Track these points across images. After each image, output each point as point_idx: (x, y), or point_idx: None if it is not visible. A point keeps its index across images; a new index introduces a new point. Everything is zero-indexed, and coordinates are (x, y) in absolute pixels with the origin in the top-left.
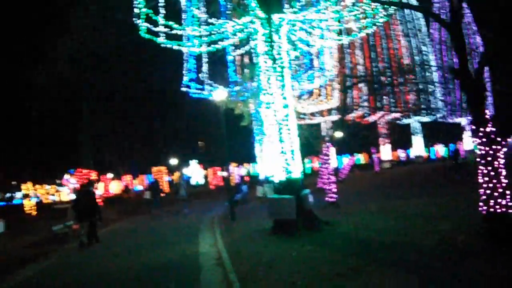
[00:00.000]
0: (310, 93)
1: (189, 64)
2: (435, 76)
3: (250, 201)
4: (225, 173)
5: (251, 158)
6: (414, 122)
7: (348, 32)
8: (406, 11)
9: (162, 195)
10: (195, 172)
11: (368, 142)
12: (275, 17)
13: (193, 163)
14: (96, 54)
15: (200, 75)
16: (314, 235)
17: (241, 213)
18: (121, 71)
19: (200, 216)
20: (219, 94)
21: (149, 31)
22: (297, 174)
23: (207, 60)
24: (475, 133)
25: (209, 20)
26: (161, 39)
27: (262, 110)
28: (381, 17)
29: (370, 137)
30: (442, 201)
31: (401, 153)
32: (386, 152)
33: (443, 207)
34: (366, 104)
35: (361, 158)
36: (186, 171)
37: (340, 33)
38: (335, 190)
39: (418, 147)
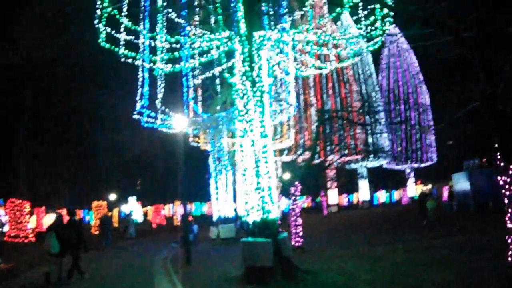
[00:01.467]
0: None
1: (143, 88)
2: (383, 122)
3: (197, 243)
4: (178, 210)
5: (194, 196)
6: (361, 167)
7: (337, 57)
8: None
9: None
10: (134, 209)
11: (316, 185)
12: (257, 35)
13: (132, 199)
14: (39, 65)
15: (156, 101)
16: (293, 286)
17: (194, 255)
18: (67, 89)
19: (151, 257)
20: (179, 123)
21: (109, 39)
22: (274, 214)
23: (163, 84)
24: (504, 171)
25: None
26: (122, 50)
27: (237, 140)
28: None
29: (319, 180)
30: (417, 245)
31: (344, 198)
32: (333, 196)
33: (425, 252)
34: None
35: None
36: (125, 208)
37: (320, 59)
38: (301, 233)
39: (364, 192)
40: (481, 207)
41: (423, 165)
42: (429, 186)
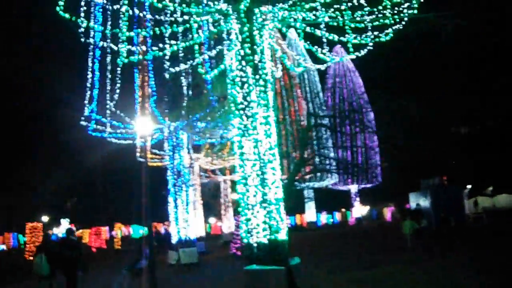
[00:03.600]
0: (222, 145)
1: (94, 89)
2: (329, 142)
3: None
4: (118, 233)
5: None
6: (307, 187)
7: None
8: (305, 74)
9: None
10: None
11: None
12: (258, 11)
13: (64, 221)
14: None
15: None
16: None
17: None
18: None
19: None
20: (142, 128)
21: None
22: (283, 234)
23: (118, 83)
24: None
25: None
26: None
27: (235, 140)
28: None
29: None
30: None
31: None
32: None
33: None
34: None
35: None
36: (56, 230)
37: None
38: None
39: (310, 213)
40: (444, 223)
41: (368, 185)
42: (367, 207)
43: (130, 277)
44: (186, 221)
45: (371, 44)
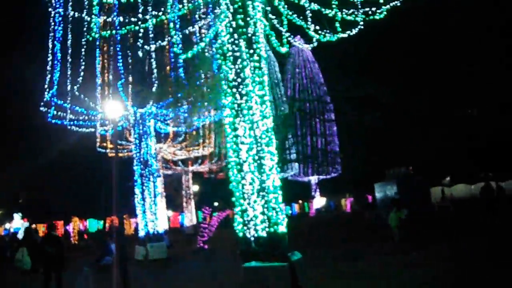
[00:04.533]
0: (185, 134)
1: (55, 72)
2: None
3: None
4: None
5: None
6: None
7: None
8: None
9: None
10: (21, 228)
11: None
12: None
13: (17, 216)
14: None
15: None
16: None
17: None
18: None
19: None
20: (111, 112)
21: None
22: (283, 227)
23: (82, 65)
24: None
25: None
26: None
27: (226, 122)
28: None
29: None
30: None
31: None
32: None
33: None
34: None
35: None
36: (8, 226)
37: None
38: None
39: None
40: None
41: (327, 176)
42: (324, 198)
43: (94, 275)
44: (154, 213)
45: (361, 22)
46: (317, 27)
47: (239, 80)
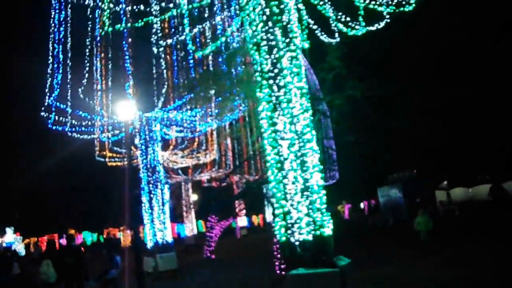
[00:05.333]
0: (188, 141)
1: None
2: None
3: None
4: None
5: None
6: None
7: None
8: None
9: None
10: (15, 242)
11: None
12: None
13: (9, 231)
14: None
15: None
16: None
17: None
18: None
19: None
20: (124, 113)
21: None
22: (329, 229)
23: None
24: None
25: None
26: None
27: (263, 116)
28: None
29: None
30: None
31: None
32: (242, 218)
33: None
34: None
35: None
36: (1, 240)
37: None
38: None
39: (271, 213)
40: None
41: (326, 183)
42: None
43: None
44: (163, 222)
45: (387, 16)
46: (347, 18)
47: (275, 71)
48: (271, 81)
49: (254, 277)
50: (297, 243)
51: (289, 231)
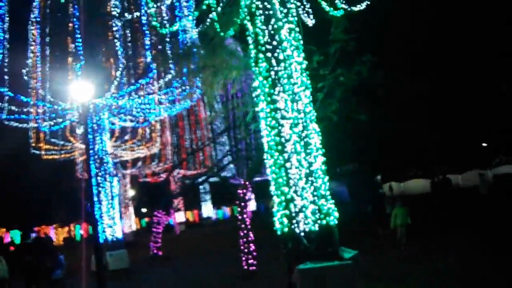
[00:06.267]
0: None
1: None
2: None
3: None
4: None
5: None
6: (204, 182)
7: None
8: None
9: None
10: None
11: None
12: None
13: None
14: None
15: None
16: None
17: None
18: None
19: None
20: (80, 94)
21: None
22: (334, 218)
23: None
24: None
25: None
26: None
27: (259, 93)
28: None
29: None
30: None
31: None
32: (180, 213)
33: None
34: None
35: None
36: None
37: None
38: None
39: (207, 209)
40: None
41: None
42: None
43: None
44: (112, 218)
45: None
46: None
47: (274, 43)
48: (269, 54)
49: (210, 273)
50: (302, 234)
51: (293, 221)
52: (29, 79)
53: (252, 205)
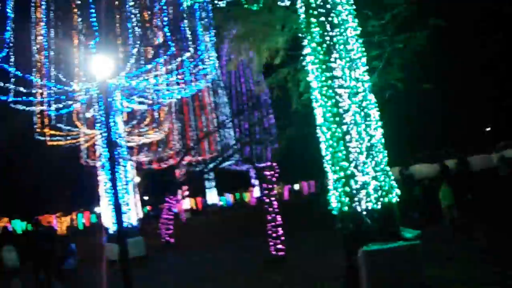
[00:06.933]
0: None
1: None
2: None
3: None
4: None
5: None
6: (208, 169)
7: None
8: None
9: None
10: None
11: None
12: None
13: None
14: None
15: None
16: None
17: None
18: None
19: None
20: (101, 69)
21: None
22: (395, 196)
23: None
24: None
25: None
26: None
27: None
28: None
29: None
30: None
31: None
32: (185, 200)
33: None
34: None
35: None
36: None
37: None
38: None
39: (212, 196)
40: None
41: (262, 164)
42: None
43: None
44: (126, 203)
45: None
46: None
47: (328, 6)
48: (322, 18)
49: (235, 260)
50: (364, 213)
51: (354, 199)
52: (36, 58)
53: (257, 191)
